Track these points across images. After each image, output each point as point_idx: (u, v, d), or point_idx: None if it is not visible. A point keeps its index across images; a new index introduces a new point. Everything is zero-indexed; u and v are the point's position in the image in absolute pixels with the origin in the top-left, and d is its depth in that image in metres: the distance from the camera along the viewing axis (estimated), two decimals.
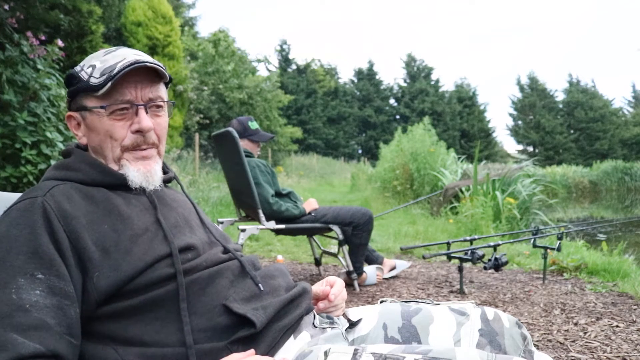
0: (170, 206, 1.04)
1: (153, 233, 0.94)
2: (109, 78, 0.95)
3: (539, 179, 8.83)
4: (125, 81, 0.97)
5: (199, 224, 1.07)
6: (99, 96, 0.96)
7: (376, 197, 10.31)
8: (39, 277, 0.80)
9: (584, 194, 20.69)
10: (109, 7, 7.19)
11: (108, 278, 0.85)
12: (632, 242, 6.01)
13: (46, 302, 0.79)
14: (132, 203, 0.97)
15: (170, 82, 1.09)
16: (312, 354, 0.86)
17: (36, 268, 0.81)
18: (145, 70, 0.98)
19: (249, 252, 4.54)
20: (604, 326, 2.37)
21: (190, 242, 0.97)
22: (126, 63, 0.96)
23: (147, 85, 0.99)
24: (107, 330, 0.86)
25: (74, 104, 1.02)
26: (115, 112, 0.97)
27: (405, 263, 3.66)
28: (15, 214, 0.87)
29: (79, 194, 0.93)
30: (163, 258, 0.91)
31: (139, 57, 0.98)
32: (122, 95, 0.97)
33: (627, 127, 38.06)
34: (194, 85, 14.74)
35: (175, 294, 0.88)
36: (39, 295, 0.79)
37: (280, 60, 39.59)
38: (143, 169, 1.00)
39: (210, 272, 0.95)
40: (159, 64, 1.01)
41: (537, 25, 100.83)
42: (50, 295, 0.80)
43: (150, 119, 1.00)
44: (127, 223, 0.92)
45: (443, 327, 1.03)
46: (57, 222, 0.86)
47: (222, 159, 3.40)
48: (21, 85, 3.75)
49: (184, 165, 10.17)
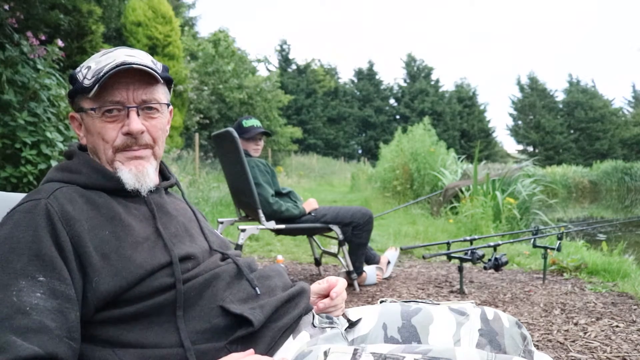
0: (170, 215, 1.03)
1: (153, 242, 0.94)
2: (96, 80, 0.94)
3: (539, 179, 8.83)
4: (116, 82, 0.96)
5: (199, 233, 1.06)
6: (91, 98, 0.96)
7: (376, 197, 10.31)
8: (41, 279, 0.80)
9: (584, 194, 20.70)
10: (109, 7, 7.19)
11: (107, 284, 0.85)
12: (632, 242, 6.01)
13: (47, 305, 0.78)
14: (132, 212, 0.97)
15: (171, 83, 1.08)
16: (311, 354, 0.86)
17: (38, 270, 0.81)
18: (137, 71, 0.96)
19: (249, 252, 4.54)
20: (604, 326, 2.37)
21: (190, 251, 0.97)
22: (112, 65, 0.95)
23: (140, 87, 0.98)
24: (105, 334, 0.86)
25: (74, 104, 1.02)
26: (105, 114, 0.97)
27: (393, 252, 3.65)
28: (18, 216, 0.87)
29: (82, 198, 0.93)
30: (163, 267, 0.91)
31: (129, 59, 0.97)
32: (112, 96, 0.96)
33: (627, 127, 38.06)
34: (194, 85, 14.75)
35: (174, 302, 0.89)
36: (40, 298, 0.79)
37: (280, 60, 39.59)
38: (135, 169, 0.99)
39: (207, 276, 0.95)
40: (152, 66, 0.99)
41: (537, 25, 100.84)
42: (52, 298, 0.80)
43: (143, 121, 0.99)
44: (128, 231, 0.92)
45: (443, 327, 1.03)
46: (60, 225, 0.86)
47: (222, 159, 3.40)
48: (21, 85, 3.75)
49: (184, 165, 10.17)
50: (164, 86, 1.04)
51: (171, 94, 1.09)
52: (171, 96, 1.10)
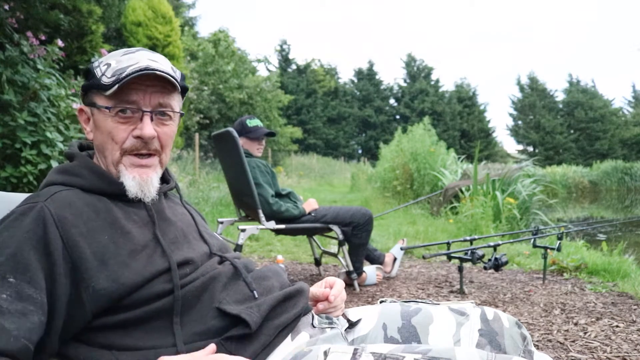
0: (169, 220, 1.03)
1: (152, 249, 0.94)
2: (117, 80, 0.94)
3: (539, 179, 8.82)
4: (135, 84, 0.95)
5: (198, 237, 1.06)
6: (107, 96, 0.96)
7: (376, 197, 10.30)
8: (10, 280, 0.80)
9: (584, 194, 20.70)
10: (109, 7, 7.19)
11: (104, 289, 0.85)
12: (632, 242, 6.01)
13: (10, 308, 0.78)
14: (131, 218, 0.96)
15: (186, 91, 1.07)
16: (311, 354, 0.86)
17: (9, 271, 0.81)
18: (158, 77, 0.96)
19: (249, 252, 4.54)
20: (604, 326, 2.37)
21: (188, 256, 0.97)
22: (136, 68, 0.94)
23: (158, 92, 0.98)
24: (103, 339, 0.86)
25: (87, 98, 1.01)
26: (119, 113, 0.96)
27: (397, 249, 3.64)
28: (12, 217, 0.88)
29: (81, 202, 0.93)
30: (162, 273, 0.91)
31: (152, 64, 0.97)
32: (129, 97, 0.96)
33: (627, 127, 38.05)
34: (194, 85, 14.75)
35: (171, 308, 0.89)
36: (5, 300, 0.78)
37: (280, 60, 39.59)
38: (139, 177, 0.99)
39: (204, 279, 0.95)
40: (173, 73, 0.99)
41: (537, 25, 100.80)
42: (17, 300, 0.79)
43: (155, 127, 0.98)
44: (127, 237, 0.92)
45: (443, 327, 1.03)
46: (53, 228, 0.86)
47: (222, 159, 3.40)
48: (21, 85, 3.75)
49: (184, 165, 10.18)
50: (179, 94, 1.04)
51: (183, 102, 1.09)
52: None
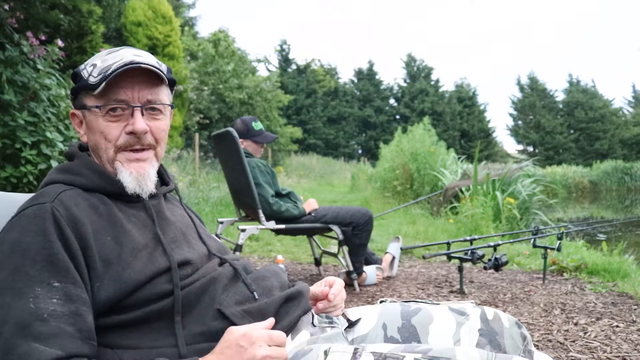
0: (168, 221, 1.03)
1: (152, 248, 0.94)
2: (104, 78, 0.94)
3: (539, 179, 8.82)
4: (122, 81, 0.95)
5: (197, 238, 1.06)
6: (95, 95, 0.96)
7: (376, 197, 10.30)
8: (55, 285, 0.81)
9: (584, 194, 20.70)
10: (109, 7, 7.19)
11: (108, 290, 0.86)
12: (632, 242, 6.00)
13: (64, 310, 0.80)
14: (131, 219, 0.97)
15: (175, 84, 1.08)
16: (311, 353, 0.86)
17: (52, 276, 0.81)
18: (144, 71, 0.96)
19: (249, 252, 4.54)
20: (604, 326, 2.37)
21: (188, 257, 0.97)
22: (121, 63, 0.94)
23: (146, 87, 0.98)
24: (104, 339, 0.87)
25: (77, 101, 1.02)
26: (109, 112, 0.96)
27: (395, 244, 3.64)
28: (25, 221, 0.87)
29: (85, 202, 0.93)
30: (162, 272, 0.91)
31: (136, 58, 0.97)
32: (118, 95, 0.96)
33: (627, 127, 38.04)
34: (194, 85, 14.75)
35: (172, 308, 0.89)
36: (57, 303, 0.79)
37: (280, 60, 39.55)
38: (135, 172, 0.98)
39: (204, 281, 0.95)
40: (158, 66, 0.99)
41: (537, 25, 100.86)
42: (68, 302, 0.81)
43: (147, 121, 0.98)
44: (128, 237, 0.92)
45: (443, 327, 1.03)
46: (68, 230, 0.86)
47: (222, 159, 3.40)
48: (21, 85, 3.75)
49: (184, 165, 10.17)
50: (167, 87, 1.04)
51: (172, 95, 1.09)
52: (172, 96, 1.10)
